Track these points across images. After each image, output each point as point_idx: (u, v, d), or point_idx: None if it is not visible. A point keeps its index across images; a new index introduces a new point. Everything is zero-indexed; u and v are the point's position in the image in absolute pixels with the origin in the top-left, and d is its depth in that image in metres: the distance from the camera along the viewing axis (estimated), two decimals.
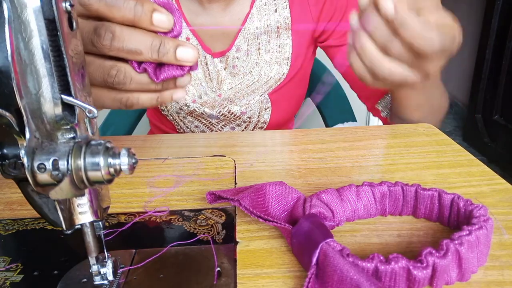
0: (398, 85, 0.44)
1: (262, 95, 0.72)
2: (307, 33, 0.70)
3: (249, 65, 0.70)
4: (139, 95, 0.35)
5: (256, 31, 0.68)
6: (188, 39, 0.68)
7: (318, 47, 0.76)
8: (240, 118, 0.73)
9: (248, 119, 0.74)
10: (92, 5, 0.31)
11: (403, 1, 0.36)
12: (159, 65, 0.34)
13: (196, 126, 0.76)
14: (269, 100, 0.72)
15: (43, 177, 0.23)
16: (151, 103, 0.36)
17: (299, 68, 0.72)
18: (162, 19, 0.31)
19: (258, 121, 0.74)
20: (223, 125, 0.75)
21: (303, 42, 0.71)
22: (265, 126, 0.76)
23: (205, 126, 0.76)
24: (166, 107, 0.73)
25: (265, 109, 0.73)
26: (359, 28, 0.39)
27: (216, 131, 0.76)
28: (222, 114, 0.73)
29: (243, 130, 0.76)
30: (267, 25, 0.68)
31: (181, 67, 0.34)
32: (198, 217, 0.37)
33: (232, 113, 0.72)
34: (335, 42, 0.70)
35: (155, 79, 0.34)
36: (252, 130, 0.76)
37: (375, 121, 1.78)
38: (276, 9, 0.68)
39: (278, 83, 0.72)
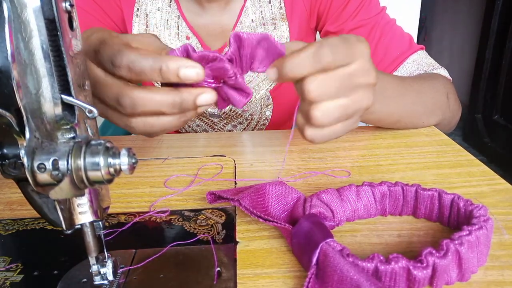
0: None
1: (263, 92, 0.72)
2: (304, 23, 0.70)
3: None
4: (162, 122, 0.35)
5: (251, 24, 0.68)
6: (188, 38, 0.68)
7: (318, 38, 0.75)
8: (242, 116, 0.73)
9: (250, 116, 0.74)
10: (122, 72, 0.31)
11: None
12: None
13: (198, 125, 0.76)
14: (270, 97, 0.72)
15: (43, 177, 0.23)
16: (176, 125, 0.35)
17: None
18: (189, 74, 0.31)
19: (260, 118, 0.74)
20: (225, 123, 0.75)
21: (301, 33, 0.70)
22: (267, 123, 0.76)
23: (207, 125, 0.76)
24: None
25: (267, 106, 0.73)
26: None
27: (218, 129, 0.76)
28: (224, 113, 0.72)
29: (245, 128, 0.76)
30: (262, 17, 0.68)
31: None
32: (198, 217, 0.37)
33: (234, 111, 0.72)
34: (332, 28, 0.68)
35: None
36: (254, 127, 0.76)
37: None
38: (270, 0, 0.68)
39: None
